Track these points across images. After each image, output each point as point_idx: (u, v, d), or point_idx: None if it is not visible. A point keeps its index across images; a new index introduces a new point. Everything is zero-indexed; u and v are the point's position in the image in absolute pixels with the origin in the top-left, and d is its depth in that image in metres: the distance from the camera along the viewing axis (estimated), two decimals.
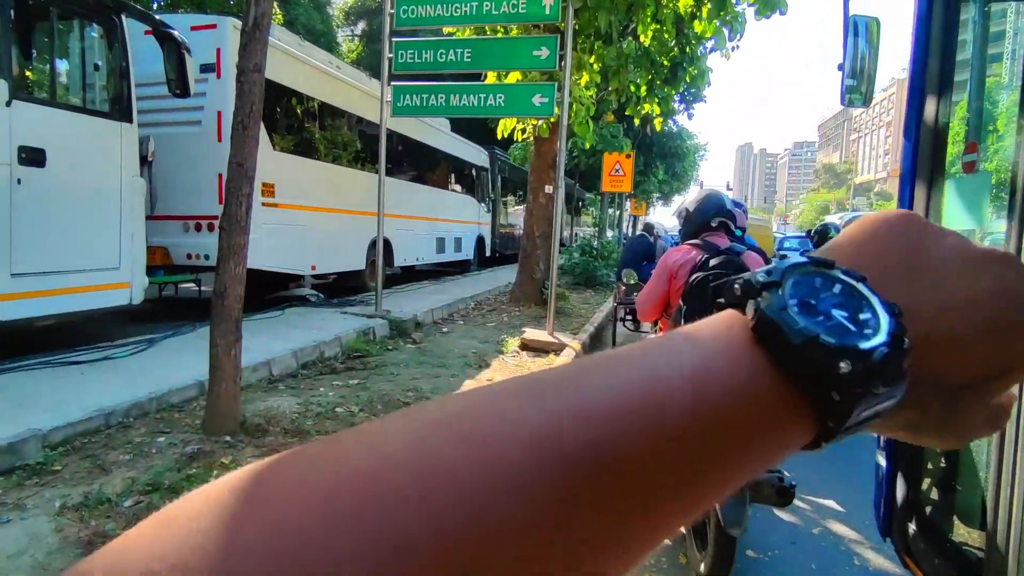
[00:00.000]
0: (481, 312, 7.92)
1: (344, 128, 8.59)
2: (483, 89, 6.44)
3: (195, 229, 6.23)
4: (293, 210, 7.14)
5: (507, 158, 17.02)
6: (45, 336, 4.99)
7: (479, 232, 14.69)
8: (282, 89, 7.06)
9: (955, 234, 0.28)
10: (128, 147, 4.77)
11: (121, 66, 4.73)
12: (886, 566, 2.51)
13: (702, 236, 2.61)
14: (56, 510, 2.26)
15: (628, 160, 11.70)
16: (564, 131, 6.25)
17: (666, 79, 8.27)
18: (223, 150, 3.63)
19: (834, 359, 0.22)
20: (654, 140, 22.53)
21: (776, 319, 0.23)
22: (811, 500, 3.12)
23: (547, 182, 8.16)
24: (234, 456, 2.79)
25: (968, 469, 1.76)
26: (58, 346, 4.26)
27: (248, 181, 3.16)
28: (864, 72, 2.42)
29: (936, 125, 1.99)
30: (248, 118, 3.18)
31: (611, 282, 10.74)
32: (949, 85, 1.98)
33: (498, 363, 5.15)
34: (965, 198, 1.85)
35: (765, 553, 2.58)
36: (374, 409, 3.65)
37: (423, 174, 11.35)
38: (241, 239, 3.12)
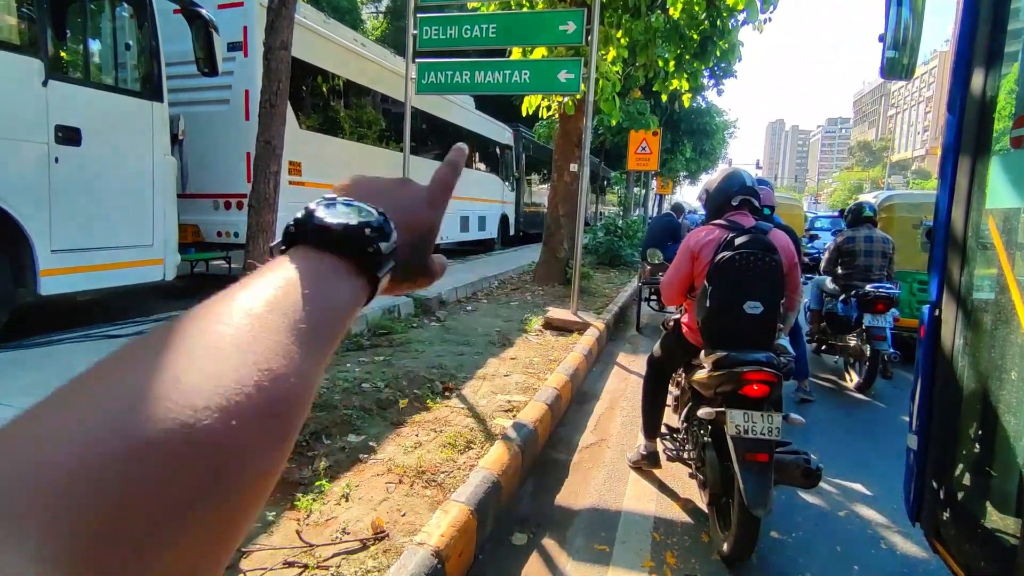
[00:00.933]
0: (505, 291, 7.94)
1: (369, 106, 8.59)
2: (508, 65, 6.35)
3: (225, 207, 6.34)
4: (320, 188, 7.19)
5: (532, 136, 16.85)
6: (84, 311, 5.16)
7: (503, 211, 14.64)
8: (308, 67, 7.07)
9: (414, 183, 0.49)
10: (159, 126, 4.86)
11: (151, 45, 4.79)
12: (914, 551, 2.48)
13: (726, 215, 2.56)
14: None
15: (655, 138, 11.47)
16: (590, 108, 6.14)
17: (695, 54, 8.01)
18: (251, 128, 3.66)
19: (361, 229, 0.38)
20: (682, 117, 22.02)
21: (324, 225, 0.38)
22: (838, 483, 3.09)
23: (572, 160, 8.06)
24: None
25: (1004, 454, 1.72)
26: (96, 321, 4.41)
27: (276, 159, 3.20)
28: (907, 43, 2.32)
29: (983, 98, 1.90)
30: (275, 96, 3.20)
31: (636, 262, 10.64)
32: (999, 56, 1.89)
33: (522, 342, 5.17)
34: (1012, 174, 1.77)
35: (789, 534, 2.57)
36: (399, 385, 3.70)
37: (447, 152, 11.27)
38: (269, 216, 3.17)
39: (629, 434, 3.58)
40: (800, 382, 4.40)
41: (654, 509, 2.74)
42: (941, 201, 2.01)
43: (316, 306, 0.33)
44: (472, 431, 3.10)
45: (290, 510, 2.23)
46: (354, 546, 2.03)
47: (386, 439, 2.94)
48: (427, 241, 0.47)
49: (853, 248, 4.85)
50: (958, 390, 1.88)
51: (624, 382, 4.67)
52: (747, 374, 2.21)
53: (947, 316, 1.93)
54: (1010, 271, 1.79)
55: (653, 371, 3.03)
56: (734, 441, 2.19)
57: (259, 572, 1.86)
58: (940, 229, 2.00)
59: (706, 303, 2.39)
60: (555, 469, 3.11)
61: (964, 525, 1.81)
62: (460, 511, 2.20)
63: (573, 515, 2.65)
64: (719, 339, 2.40)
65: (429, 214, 0.47)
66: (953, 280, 1.93)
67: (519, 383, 3.97)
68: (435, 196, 0.48)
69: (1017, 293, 1.73)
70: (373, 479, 2.52)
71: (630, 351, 5.69)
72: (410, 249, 0.44)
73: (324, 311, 0.33)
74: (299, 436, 1.60)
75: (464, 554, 2.14)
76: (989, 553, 1.64)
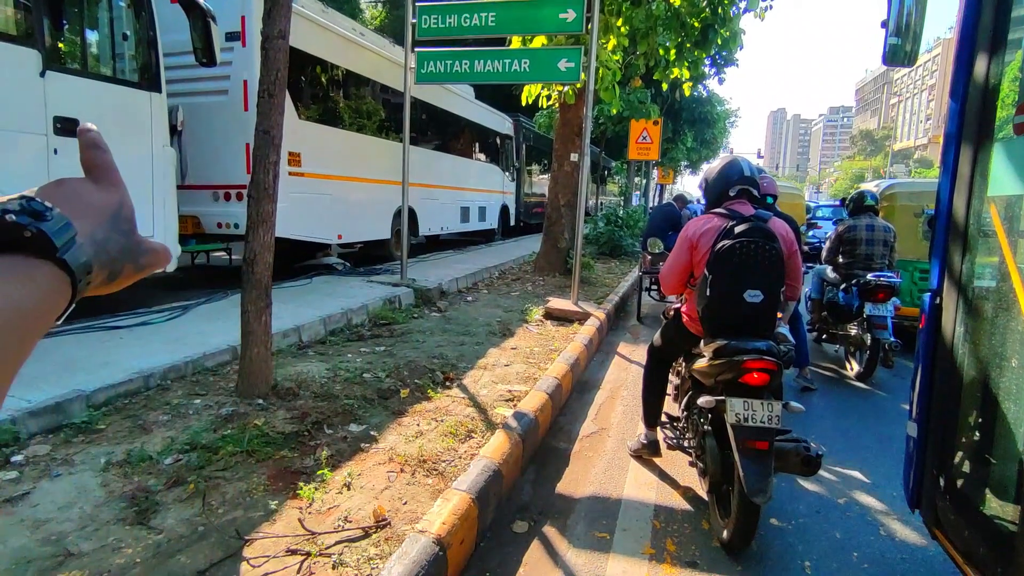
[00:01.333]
0: (505, 281, 7.93)
1: (368, 96, 8.54)
2: (508, 54, 6.31)
3: (224, 198, 6.33)
4: (319, 179, 7.19)
5: (532, 126, 16.76)
6: (85, 303, 5.16)
7: (503, 201, 14.60)
8: (307, 57, 7.02)
9: (69, 178, 0.45)
10: (158, 116, 4.84)
11: (149, 35, 4.76)
12: (913, 538, 2.49)
13: (725, 204, 2.55)
14: (101, 466, 2.37)
15: (656, 127, 11.42)
16: (590, 97, 6.11)
17: (696, 42, 7.94)
18: (250, 119, 3.64)
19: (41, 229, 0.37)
20: (683, 106, 21.88)
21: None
22: (837, 471, 3.10)
23: (572, 150, 8.03)
24: (267, 418, 2.88)
25: (1004, 442, 1.72)
26: (99, 312, 4.42)
27: (275, 149, 3.18)
28: (909, 29, 2.30)
29: (986, 85, 1.88)
30: (274, 86, 3.18)
31: (636, 251, 10.63)
32: (1002, 43, 1.87)
33: (522, 331, 5.18)
34: (1014, 162, 1.76)
35: (789, 522, 2.59)
36: (400, 375, 3.71)
37: (447, 143, 11.27)
38: (269, 207, 3.16)
39: (630, 423, 3.59)
40: (801, 370, 4.42)
41: (654, 497, 2.75)
42: (943, 189, 2.00)
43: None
44: (473, 420, 3.11)
45: (292, 499, 2.25)
46: (356, 534, 2.05)
47: (387, 428, 2.96)
48: (123, 218, 0.45)
49: (854, 237, 4.84)
50: (958, 378, 1.88)
51: (625, 372, 4.68)
52: (747, 362, 2.22)
53: (948, 304, 1.93)
54: (1011, 259, 1.79)
55: (654, 360, 3.04)
56: (734, 429, 2.20)
57: (262, 559, 1.88)
58: (941, 217, 2.00)
59: (706, 292, 2.39)
60: (556, 458, 3.13)
61: (963, 512, 1.81)
62: (461, 499, 2.22)
63: (574, 503, 2.67)
64: (719, 328, 2.40)
65: (106, 193, 0.45)
66: (954, 268, 1.93)
67: (520, 373, 3.98)
68: (99, 176, 0.45)
69: (1018, 281, 1.73)
70: (375, 468, 2.54)
71: (631, 341, 5.70)
72: (107, 231, 0.43)
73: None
74: (301, 427, 1.63)
75: (465, 542, 2.16)
76: (988, 540, 1.65)
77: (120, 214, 0.45)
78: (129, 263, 0.45)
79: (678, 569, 2.22)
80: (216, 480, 2.34)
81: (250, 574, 1.82)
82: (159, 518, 2.07)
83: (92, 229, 0.42)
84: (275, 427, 2.80)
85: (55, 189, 0.43)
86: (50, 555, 1.83)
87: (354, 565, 1.88)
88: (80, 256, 0.39)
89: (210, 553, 1.90)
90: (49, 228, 0.37)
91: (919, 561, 2.34)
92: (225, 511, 2.14)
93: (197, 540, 1.97)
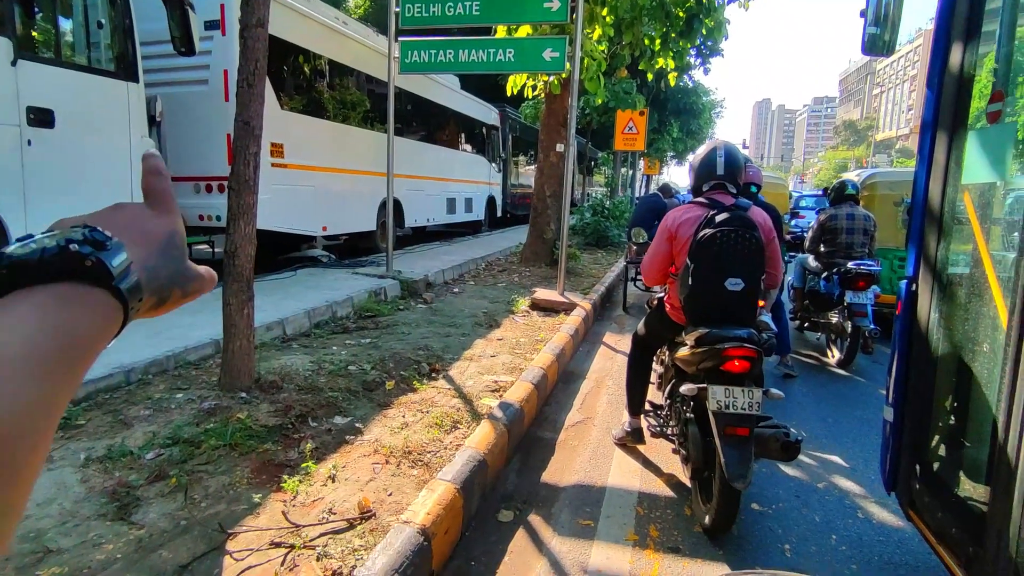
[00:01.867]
0: (492, 272, 7.93)
1: (352, 87, 8.44)
2: (492, 44, 6.27)
3: (206, 190, 6.24)
4: (303, 170, 7.11)
5: (518, 116, 16.69)
6: None
7: (490, 192, 14.56)
8: (288, 47, 6.92)
9: (129, 203, 0.45)
10: (136, 107, 4.75)
11: (125, 24, 4.66)
12: (890, 520, 2.55)
13: (706, 194, 2.59)
14: (81, 462, 2.34)
15: (642, 117, 11.42)
16: (576, 87, 6.09)
17: (681, 32, 7.94)
18: (231, 109, 3.59)
19: (65, 247, 0.37)
20: (668, 96, 21.92)
21: (15, 261, 0.36)
22: (816, 456, 3.16)
23: (558, 140, 8.01)
24: (250, 411, 2.86)
25: (976, 425, 1.76)
26: None
27: (255, 140, 3.14)
28: (888, 19, 2.32)
29: (961, 74, 1.90)
30: (253, 75, 3.13)
31: (622, 242, 10.67)
32: (977, 33, 1.89)
33: (508, 322, 5.18)
34: (988, 150, 1.79)
35: (770, 507, 2.63)
36: (386, 366, 3.71)
37: (433, 133, 11.20)
38: (250, 199, 3.12)
39: (615, 412, 3.62)
40: (782, 358, 4.48)
41: (638, 484, 2.78)
42: (919, 177, 2.03)
43: (31, 337, 0.33)
44: (459, 411, 3.12)
45: (276, 492, 2.24)
46: (341, 526, 2.05)
47: (372, 420, 2.95)
48: (175, 245, 0.46)
49: (835, 226, 4.90)
50: (933, 363, 1.92)
51: (610, 361, 4.71)
52: (728, 350, 2.24)
53: (923, 291, 1.96)
54: (984, 246, 1.82)
55: (637, 349, 3.06)
56: (715, 416, 2.23)
57: (245, 552, 1.87)
58: (917, 205, 2.03)
59: (688, 281, 2.41)
60: (541, 447, 3.15)
61: (937, 494, 1.86)
62: (446, 490, 2.22)
63: (559, 492, 2.69)
64: (701, 316, 2.42)
65: (160, 220, 0.46)
66: (929, 255, 1.96)
67: (505, 363, 3.99)
68: (156, 202, 0.46)
69: (991, 268, 1.76)
70: (359, 460, 2.54)
71: (616, 331, 5.73)
72: (159, 258, 0.44)
73: (48, 340, 0.34)
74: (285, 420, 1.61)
75: (450, 531, 2.17)
76: (960, 520, 1.69)
77: (172, 241, 0.46)
78: (177, 288, 0.47)
79: (661, 554, 2.25)
80: (198, 474, 2.32)
81: (233, 568, 1.81)
82: (140, 513, 2.05)
83: (146, 256, 0.43)
84: (259, 420, 2.78)
85: (113, 214, 0.44)
86: (29, 552, 1.81)
87: (339, 556, 1.88)
88: (133, 283, 0.40)
89: (193, 547, 1.89)
90: (107, 257, 0.38)
91: (895, 542, 2.39)
92: (208, 505, 2.13)
93: (179, 534, 1.96)
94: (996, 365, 1.56)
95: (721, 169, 2.57)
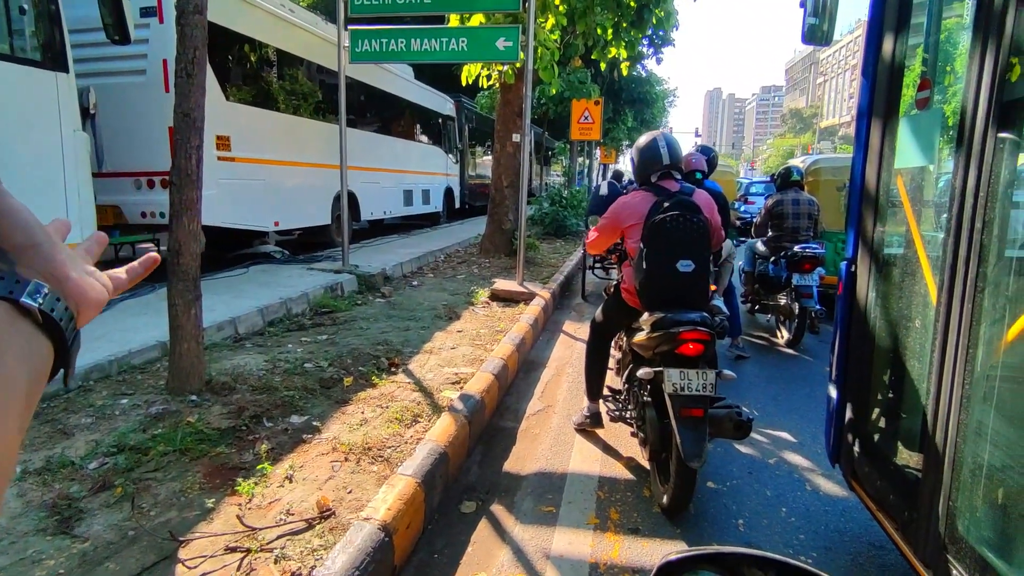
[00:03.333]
0: (451, 265, 7.88)
1: (302, 77, 8.20)
2: (445, 33, 6.17)
3: (148, 186, 5.96)
4: (251, 164, 6.87)
5: (474, 107, 16.55)
6: None
7: (447, 184, 14.42)
8: (232, 35, 6.66)
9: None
10: (66, 98, 4.47)
11: (50, 9, 4.37)
12: (835, 490, 2.67)
13: (654, 183, 2.70)
14: (17, 475, 2.22)
15: (597, 107, 11.52)
16: (530, 77, 6.08)
17: (633, 21, 8.02)
18: (172, 101, 3.43)
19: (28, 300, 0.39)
20: (623, 86, 22.11)
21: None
22: (768, 433, 3.28)
23: (514, 131, 8.00)
24: (200, 414, 2.77)
25: (910, 396, 1.86)
26: None
27: (197, 132, 3.01)
28: (826, 10, 2.40)
29: (893, 64, 1.99)
30: (192, 64, 3.00)
31: (581, 231, 10.76)
32: (907, 25, 1.98)
33: (468, 314, 5.17)
34: (918, 135, 1.87)
35: (724, 483, 2.72)
36: (344, 363, 3.64)
37: (387, 125, 11.00)
38: (193, 194, 3.00)
39: (575, 399, 3.66)
40: (734, 340, 4.64)
41: (599, 469, 2.83)
42: (856, 163, 2.11)
43: None
44: (419, 405, 3.10)
45: (231, 496, 2.18)
46: (299, 526, 2.01)
47: (331, 418, 2.90)
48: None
49: (782, 211, 5.07)
50: (871, 340, 2.01)
51: (570, 349, 4.75)
52: (683, 334, 2.31)
53: (861, 271, 2.05)
54: (915, 227, 1.91)
55: (595, 336, 3.11)
56: (671, 398, 2.29)
57: (199, 560, 1.82)
58: (855, 189, 2.11)
59: (643, 265, 2.49)
60: (503, 437, 3.16)
61: (876, 464, 1.96)
62: (407, 484, 2.21)
63: (521, 480, 2.71)
64: (656, 299, 2.49)
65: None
66: (867, 237, 2.04)
67: (466, 355, 3.98)
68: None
69: (922, 248, 1.86)
70: (317, 459, 2.49)
71: (576, 319, 5.79)
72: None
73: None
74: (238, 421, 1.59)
75: (412, 525, 2.16)
76: (897, 488, 1.79)
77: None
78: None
79: (621, 536, 2.30)
80: (146, 482, 2.24)
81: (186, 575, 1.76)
82: (84, 525, 1.96)
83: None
84: (210, 423, 2.69)
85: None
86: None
87: (297, 558, 1.85)
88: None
89: (142, 558, 1.82)
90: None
91: (839, 511, 2.51)
92: (157, 513, 2.05)
93: (127, 545, 1.88)
94: (928, 340, 1.64)
95: (667, 159, 2.67)
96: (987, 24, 1.39)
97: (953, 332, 1.45)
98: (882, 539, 2.10)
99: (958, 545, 1.43)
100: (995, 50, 1.35)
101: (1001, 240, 1.40)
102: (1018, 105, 1.34)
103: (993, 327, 1.42)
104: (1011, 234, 1.44)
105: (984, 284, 1.38)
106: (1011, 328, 1.44)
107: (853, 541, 2.33)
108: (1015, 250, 1.47)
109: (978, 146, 1.40)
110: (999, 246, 1.40)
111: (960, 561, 1.41)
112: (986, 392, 1.46)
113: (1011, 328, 1.44)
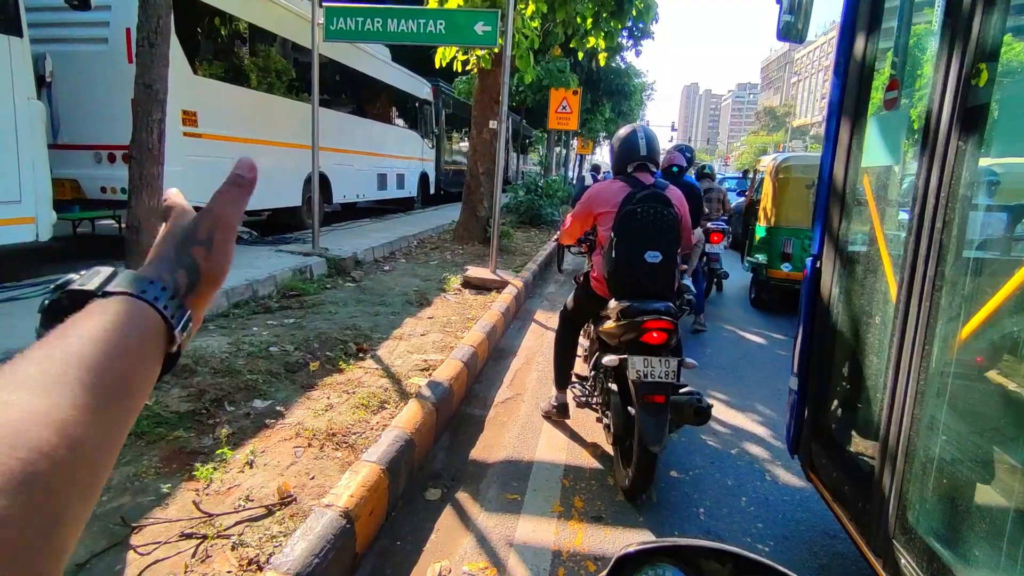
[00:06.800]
0: (424, 250, 7.81)
1: (275, 54, 7.96)
2: (422, 14, 6.05)
3: (108, 160, 5.74)
4: (220, 141, 6.66)
5: (452, 91, 16.36)
6: None
7: (423, 168, 14.26)
8: (201, 7, 6.41)
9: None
10: (19, 65, 4.25)
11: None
12: (793, 481, 2.74)
13: (630, 174, 2.72)
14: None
15: (575, 97, 11.47)
16: (508, 63, 6.02)
17: (613, 12, 8.00)
18: (134, 71, 3.29)
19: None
20: (601, 77, 22.12)
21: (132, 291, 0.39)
22: (731, 424, 3.34)
23: (491, 117, 7.92)
24: (158, 397, 2.69)
25: (867, 389, 1.90)
26: None
27: (159, 105, 2.91)
28: (801, 8, 2.42)
29: (863, 64, 2.01)
30: (155, 34, 2.88)
31: (556, 220, 10.78)
32: (878, 26, 2.00)
33: (440, 301, 5.13)
34: (885, 135, 1.90)
35: (687, 473, 2.76)
36: (310, 347, 3.58)
37: (362, 106, 10.78)
38: (154, 169, 2.89)
39: (544, 388, 3.67)
40: (697, 316, 5.28)
41: (564, 458, 2.84)
42: (825, 160, 2.14)
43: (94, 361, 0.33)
44: (386, 391, 3.07)
45: (188, 481, 2.12)
46: (258, 513, 1.97)
47: (295, 403, 2.85)
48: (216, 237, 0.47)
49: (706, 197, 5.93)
50: (832, 334, 2.05)
51: (540, 338, 4.76)
52: (647, 323, 2.33)
53: (826, 267, 2.08)
54: (879, 225, 1.95)
55: (565, 325, 3.12)
56: (635, 385, 2.32)
57: (152, 546, 1.77)
58: (823, 186, 2.14)
59: (612, 253, 2.51)
60: (471, 425, 3.15)
61: (832, 455, 2.01)
62: (371, 471, 2.18)
63: (487, 468, 2.71)
64: (624, 288, 2.53)
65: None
66: (832, 233, 2.08)
67: (436, 342, 3.95)
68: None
69: (884, 245, 1.90)
70: (280, 444, 2.44)
71: (548, 308, 5.80)
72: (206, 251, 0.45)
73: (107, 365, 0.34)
74: (198, 404, 1.53)
75: (375, 512, 2.14)
76: (852, 480, 1.84)
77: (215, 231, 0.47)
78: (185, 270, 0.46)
79: (585, 524, 2.32)
80: None
81: (138, 563, 1.71)
82: None
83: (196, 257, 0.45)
84: (168, 406, 2.62)
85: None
86: None
87: (256, 544, 1.81)
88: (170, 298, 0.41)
89: (91, 544, 1.76)
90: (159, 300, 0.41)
91: (797, 501, 2.58)
92: (109, 498, 1.99)
93: None
94: (886, 336, 1.68)
95: (644, 151, 2.69)
96: (954, 29, 1.41)
97: (911, 329, 1.48)
98: (836, 528, 2.16)
99: (908, 535, 1.47)
100: (961, 55, 1.38)
101: (960, 241, 1.44)
102: (981, 110, 1.37)
103: (949, 325, 1.46)
104: (969, 235, 1.48)
105: (942, 283, 1.42)
106: (965, 326, 1.48)
107: (809, 530, 2.39)
108: (972, 251, 1.51)
109: (941, 148, 1.43)
110: (958, 246, 1.44)
111: (909, 550, 1.46)
112: (940, 388, 1.50)
113: (965, 326, 1.48)
